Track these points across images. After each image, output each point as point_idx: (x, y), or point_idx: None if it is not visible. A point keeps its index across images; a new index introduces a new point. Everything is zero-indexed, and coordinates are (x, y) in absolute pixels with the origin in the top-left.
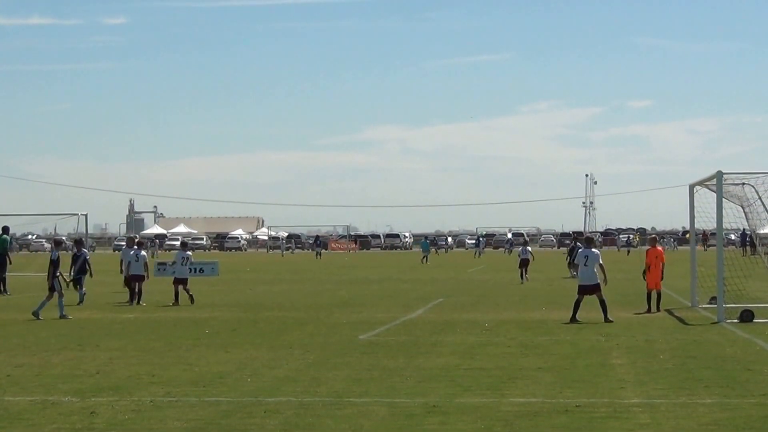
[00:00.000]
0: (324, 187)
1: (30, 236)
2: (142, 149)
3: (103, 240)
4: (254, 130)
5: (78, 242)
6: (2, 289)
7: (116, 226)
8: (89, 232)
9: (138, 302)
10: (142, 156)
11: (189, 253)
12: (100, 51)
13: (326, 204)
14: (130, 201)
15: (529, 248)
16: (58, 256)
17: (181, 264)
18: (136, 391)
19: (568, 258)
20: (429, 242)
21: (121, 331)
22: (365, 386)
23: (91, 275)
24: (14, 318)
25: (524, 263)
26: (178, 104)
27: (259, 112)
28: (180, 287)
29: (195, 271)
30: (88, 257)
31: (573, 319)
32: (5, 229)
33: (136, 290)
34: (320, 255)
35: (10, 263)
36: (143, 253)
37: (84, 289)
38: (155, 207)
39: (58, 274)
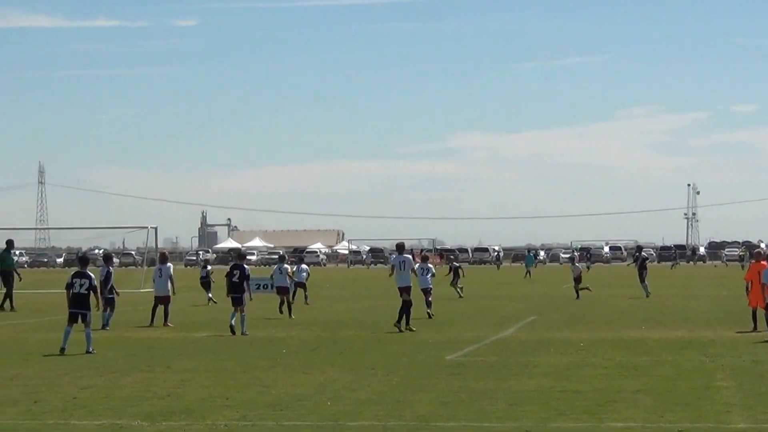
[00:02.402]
0: (408, 197)
1: (96, 250)
2: (214, 158)
3: (175, 254)
4: (334, 137)
5: (107, 258)
6: (10, 306)
7: (188, 239)
8: (159, 245)
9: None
10: (214, 165)
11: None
12: (169, 54)
13: (410, 216)
14: (203, 213)
15: (578, 264)
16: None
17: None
18: (209, 415)
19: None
20: (533, 256)
21: (194, 351)
22: (452, 410)
23: (116, 294)
24: (80, 338)
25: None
26: (252, 110)
27: (338, 118)
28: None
29: (270, 288)
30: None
31: None
32: (9, 243)
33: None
34: None
35: (20, 279)
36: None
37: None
38: (229, 219)
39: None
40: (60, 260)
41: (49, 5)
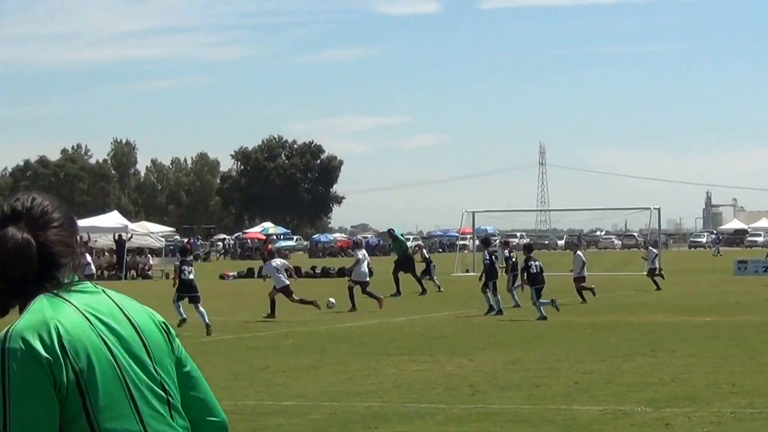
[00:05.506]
0: None
1: (598, 232)
2: (721, 137)
3: (678, 236)
4: None
5: (528, 247)
6: (421, 288)
7: (692, 220)
8: (662, 227)
9: None
10: (721, 145)
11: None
12: (668, 32)
13: None
14: (707, 193)
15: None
16: None
17: None
18: (714, 402)
19: None
20: None
21: (698, 336)
22: None
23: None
24: (584, 321)
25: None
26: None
27: None
28: None
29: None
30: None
31: None
32: (391, 232)
33: None
34: None
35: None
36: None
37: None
38: (734, 200)
39: None
40: (561, 242)
41: None
